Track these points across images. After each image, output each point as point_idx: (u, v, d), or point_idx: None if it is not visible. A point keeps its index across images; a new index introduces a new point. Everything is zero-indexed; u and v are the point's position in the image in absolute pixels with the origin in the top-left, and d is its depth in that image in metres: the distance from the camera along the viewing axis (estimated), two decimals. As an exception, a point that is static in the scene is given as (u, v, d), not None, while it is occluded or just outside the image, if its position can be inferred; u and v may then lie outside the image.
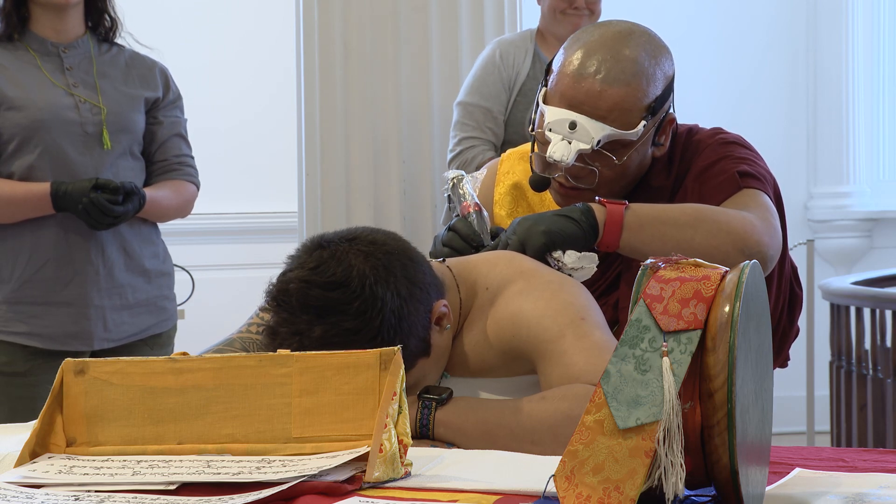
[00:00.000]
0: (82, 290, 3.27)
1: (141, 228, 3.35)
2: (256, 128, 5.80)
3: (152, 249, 3.39)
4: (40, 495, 1.49)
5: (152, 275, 3.38)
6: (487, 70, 4.14)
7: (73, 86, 3.28)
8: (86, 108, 3.26)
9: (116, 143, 3.29)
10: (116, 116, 3.29)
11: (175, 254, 3.57)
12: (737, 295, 1.35)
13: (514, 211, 2.40)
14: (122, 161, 3.30)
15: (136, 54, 3.42)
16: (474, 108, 4.12)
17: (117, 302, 3.32)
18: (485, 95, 4.12)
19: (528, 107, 4.08)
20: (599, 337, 1.86)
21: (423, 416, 1.84)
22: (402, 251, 1.88)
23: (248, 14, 5.85)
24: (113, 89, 3.32)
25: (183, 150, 3.43)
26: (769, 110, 6.16)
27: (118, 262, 3.31)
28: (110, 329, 3.31)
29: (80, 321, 3.28)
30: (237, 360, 1.63)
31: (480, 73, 4.14)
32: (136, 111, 3.34)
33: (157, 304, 3.39)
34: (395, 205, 4.47)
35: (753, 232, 2.11)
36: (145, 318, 3.37)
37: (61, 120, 3.24)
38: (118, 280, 3.31)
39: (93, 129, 3.26)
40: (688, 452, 1.35)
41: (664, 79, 2.22)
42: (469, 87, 4.16)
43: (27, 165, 3.23)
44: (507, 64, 4.13)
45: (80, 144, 3.25)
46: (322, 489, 1.48)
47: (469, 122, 4.11)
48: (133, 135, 3.33)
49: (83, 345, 3.28)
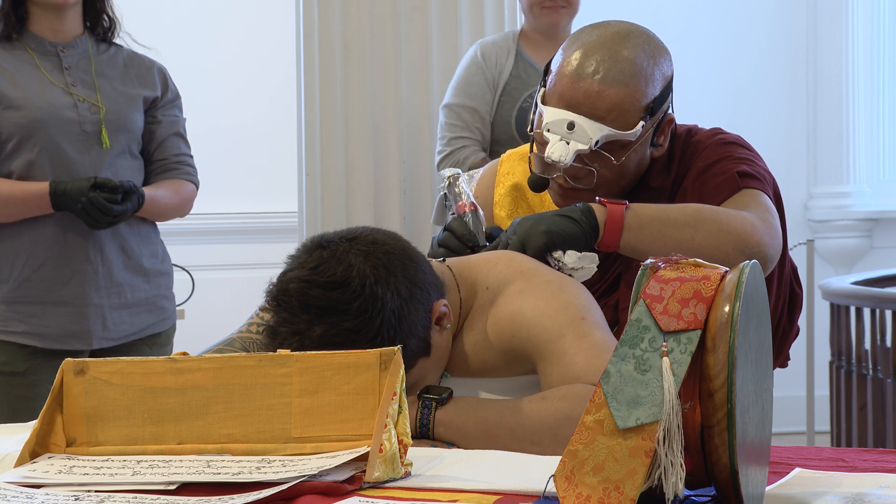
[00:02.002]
0: (81, 289, 3.27)
1: (140, 228, 3.36)
2: (256, 128, 5.80)
3: (151, 249, 3.39)
4: (40, 495, 1.49)
5: (151, 274, 3.38)
6: (471, 71, 4.15)
7: (71, 85, 3.27)
8: (84, 107, 3.26)
9: (115, 142, 3.29)
10: (115, 115, 3.29)
11: (175, 254, 3.57)
12: (737, 295, 1.35)
13: (514, 212, 2.40)
14: (121, 160, 3.30)
15: (135, 54, 3.42)
16: (461, 109, 4.13)
17: (116, 301, 3.31)
18: (470, 95, 4.13)
19: (512, 106, 4.09)
20: (600, 337, 1.86)
21: (423, 416, 1.84)
22: (402, 251, 1.88)
23: (248, 14, 5.85)
24: (111, 88, 3.32)
25: (182, 149, 3.43)
26: (769, 110, 6.16)
27: (117, 261, 3.31)
28: (109, 328, 3.31)
29: (79, 320, 3.28)
30: (237, 360, 1.63)
31: (465, 75, 4.16)
32: (135, 110, 3.34)
33: (155, 304, 3.39)
34: (395, 205, 4.47)
35: (754, 232, 2.11)
36: (144, 317, 3.36)
37: (60, 119, 3.24)
38: (117, 279, 3.31)
39: (91, 128, 3.26)
40: (688, 452, 1.35)
41: (663, 79, 2.22)
42: (454, 88, 4.17)
43: (26, 164, 3.23)
44: (490, 63, 4.14)
45: (78, 143, 3.25)
46: (322, 489, 1.48)
47: (457, 122, 4.12)
48: (132, 134, 3.33)
49: (82, 344, 3.28)
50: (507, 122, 4.11)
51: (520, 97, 4.14)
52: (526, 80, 4.15)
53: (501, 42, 4.19)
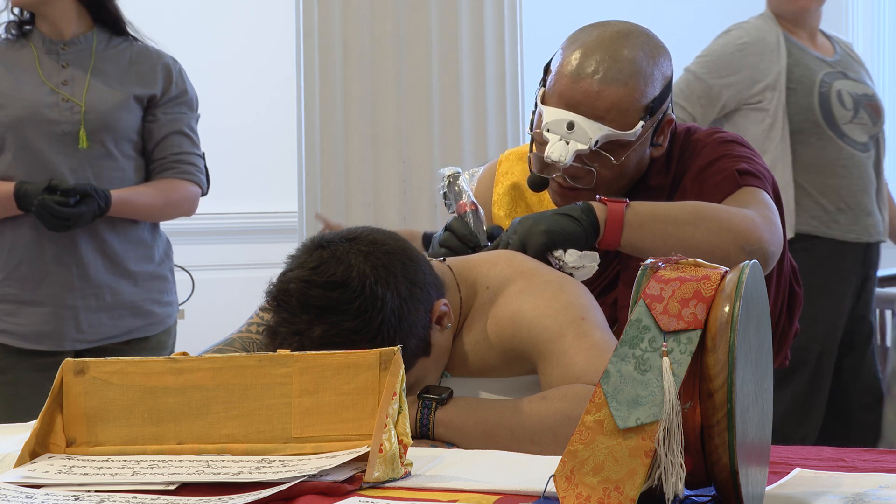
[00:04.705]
0: (54, 289, 3.25)
1: (126, 230, 3.30)
2: (257, 128, 5.80)
3: (143, 252, 3.33)
4: (40, 495, 1.49)
5: (140, 278, 3.32)
6: (734, 55, 4.11)
7: (62, 84, 3.25)
8: (66, 106, 3.23)
9: (96, 143, 3.24)
10: (98, 115, 3.24)
11: (175, 254, 3.56)
12: (737, 295, 1.35)
13: (512, 211, 2.40)
14: (105, 161, 3.26)
15: (145, 49, 3.36)
16: (696, 81, 4.10)
17: (93, 303, 3.27)
18: (715, 72, 4.09)
19: (808, 93, 4.06)
20: (600, 337, 1.86)
21: (423, 416, 1.84)
22: (402, 251, 1.88)
23: (248, 15, 5.85)
24: (103, 87, 3.26)
25: (184, 147, 3.36)
26: (769, 110, 6.15)
27: (94, 262, 3.26)
28: (84, 330, 3.27)
29: (51, 321, 3.25)
30: (237, 360, 1.63)
31: (722, 53, 4.12)
32: (123, 109, 3.27)
33: (142, 308, 3.33)
34: (395, 205, 4.47)
35: (754, 229, 2.11)
36: (129, 320, 3.31)
37: (39, 118, 3.21)
38: (95, 281, 3.26)
39: (70, 128, 3.23)
40: (688, 452, 1.35)
41: (662, 79, 2.22)
42: (704, 59, 4.13)
43: (6, 164, 3.23)
44: (758, 50, 4.10)
45: (56, 143, 3.22)
46: (322, 489, 1.48)
47: (684, 90, 4.10)
48: (118, 133, 3.26)
49: (54, 345, 3.25)
50: (808, 110, 4.07)
51: (812, 83, 4.10)
52: (809, 66, 4.11)
53: (765, 28, 4.14)
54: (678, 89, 4.08)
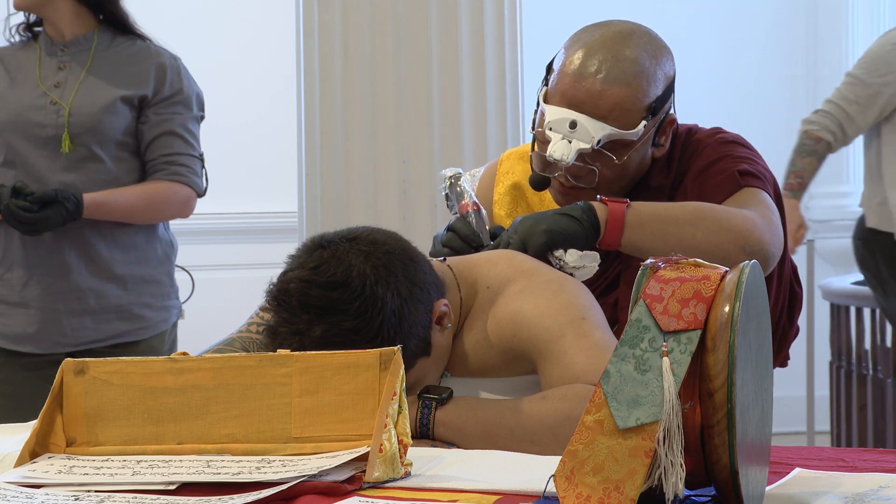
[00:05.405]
0: (36, 292, 3.23)
1: (115, 233, 3.26)
2: (257, 128, 5.80)
3: (134, 255, 3.29)
4: (40, 495, 1.49)
5: (129, 281, 3.28)
6: (894, 52, 4.10)
7: (54, 86, 3.23)
8: (53, 109, 3.21)
9: (80, 146, 3.21)
10: (83, 118, 3.20)
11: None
12: (737, 295, 1.35)
13: (513, 211, 2.40)
14: (91, 164, 3.22)
15: (145, 48, 3.32)
16: (855, 82, 4.09)
17: (76, 307, 3.24)
18: (873, 72, 4.08)
19: None
20: (600, 337, 1.86)
21: (423, 416, 1.84)
22: (403, 251, 1.88)
23: (248, 16, 5.85)
24: (93, 88, 3.23)
25: (175, 148, 3.28)
26: (769, 110, 6.16)
27: (77, 266, 3.23)
28: (66, 333, 3.24)
29: (33, 323, 3.24)
30: (237, 360, 1.63)
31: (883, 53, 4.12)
32: (109, 112, 3.22)
33: (131, 312, 3.29)
34: (395, 205, 4.46)
35: (755, 229, 2.11)
36: (116, 324, 3.27)
37: (24, 121, 3.21)
38: (78, 284, 3.24)
39: (54, 131, 3.21)
40: (688, 452, 1.35)
41: (665, 79, 2.22)
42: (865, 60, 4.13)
43: None
44: None
45: (40, 146, 3.21)
46: (322, 489, 1.48)
47: (844, 93, 4.09)
48: (103, 136, 3.22)
49: (36, 347, 3.24)
50: None
51: None
52: None
53: None
54: (839, 93, 4.07)
